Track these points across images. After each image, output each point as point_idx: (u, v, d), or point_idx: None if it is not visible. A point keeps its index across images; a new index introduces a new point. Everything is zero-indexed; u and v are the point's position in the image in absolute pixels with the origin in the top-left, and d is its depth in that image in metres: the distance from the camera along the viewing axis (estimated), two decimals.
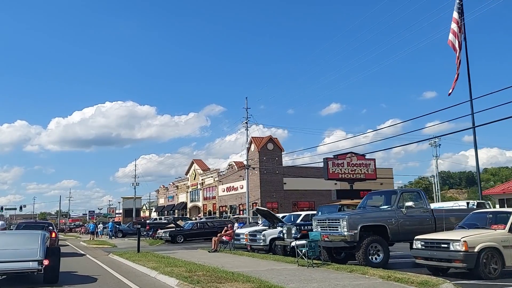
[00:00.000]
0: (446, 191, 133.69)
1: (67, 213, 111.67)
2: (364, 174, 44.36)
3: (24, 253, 10.04)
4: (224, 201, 65.18)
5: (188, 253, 20.05)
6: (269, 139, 57.98)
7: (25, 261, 9.92)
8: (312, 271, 11.72)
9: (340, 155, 44.18)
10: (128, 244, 32.01)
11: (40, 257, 9.96)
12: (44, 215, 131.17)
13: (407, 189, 22.43)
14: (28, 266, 9.92)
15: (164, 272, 11.94)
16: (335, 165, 43.65)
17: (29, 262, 9.91)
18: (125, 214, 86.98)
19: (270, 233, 18.48)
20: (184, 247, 27.01)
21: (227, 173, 64.59)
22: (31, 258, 9.94)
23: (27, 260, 9.93)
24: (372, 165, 44.92)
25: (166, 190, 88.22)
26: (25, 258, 9.96)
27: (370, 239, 12.78)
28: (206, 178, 70.52)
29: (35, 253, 10.01)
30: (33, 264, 9.89)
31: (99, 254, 22.85)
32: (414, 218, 13.52)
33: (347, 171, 43.86)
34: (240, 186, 60.80)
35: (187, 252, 21.21)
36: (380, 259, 12.91)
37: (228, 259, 16.12)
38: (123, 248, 27.56)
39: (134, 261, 15.98)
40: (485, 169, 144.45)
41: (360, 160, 44.35)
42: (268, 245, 18.26)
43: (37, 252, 10.04)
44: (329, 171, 43.39)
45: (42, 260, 9.95)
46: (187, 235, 31.80)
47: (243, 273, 11.40)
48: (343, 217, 13.01)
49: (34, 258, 9.93)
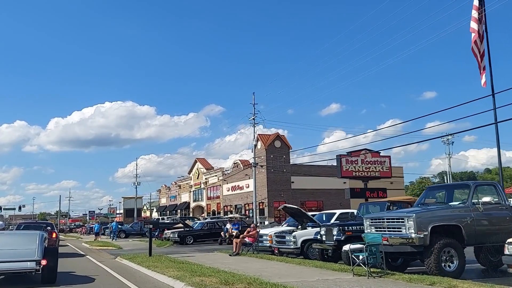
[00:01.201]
0: None
1: (67, 214, 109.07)
2: (379, 171, 41.78)
3: (22, 253, 9.97)
4: (229, 201, 62.62)
5: (206, 257, 17.53)
6: (276, 136, 55.45)
7: (23, 261, 9.84)
8: (377, 283, 9.24)
9: (354, 151, 41.71)
10: (134, 245, 29.49)
11: (38, 257, 9.88)
12: (44, 216, 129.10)
13: (481, 181, 19.71)
14: (26, 266, 9.84)
15: (193, 284, 9.42)
16: (349, 162, 41.11)
17: (26, 262, 9.82)
18: (126, 214, 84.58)
19: (302, 234, 15.99)
20: (197, 249, 24.50)
21: (232, 171, 62.04)
22: (29, 258, 9.86)
23: (25, 260, 9.85)
24: (387, 162, 42.35)
25: (168, 190, 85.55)
26: (23, 258, 9.87)
27: (443, 242, 10.28)
28: (210, 177, 67.97)
29: (33, 253, 9.94)
30: (31, 264, 9.81)
31: (104, 257, 20.32)
32: (492, 216, 11.04)
33: (361, 168, 41.28)
34: (246, 185, 58.29)
35: (204, 255, 18.68)
36: (454, 266, 10.42)
37: (258, 265, 13.61)
38: (130, 250, 25.05)
39: (149, 268, 13.46)
40: (487, 169, 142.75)
41: (375, 157, 41.79)
42: (300, 248, 15.78)
43: (35, 252, 9.97)
44: (342, 169, 40.77)
45: (40, 260, 9.88)
46: (196, 235, 29.37)
47: (292, 285, 8.95)
48: (409, 215, 10.48)
49: (32, 258, 9.85)
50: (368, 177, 41.46)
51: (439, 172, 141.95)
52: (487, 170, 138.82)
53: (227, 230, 26.51)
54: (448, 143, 54.17)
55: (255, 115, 48.78)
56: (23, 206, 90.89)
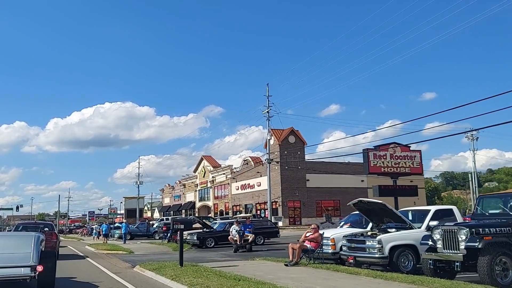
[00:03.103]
0: (449, 192, 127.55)
1: (66, 214, 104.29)
2: (409, 167, 37.50)
3: (15, 258, 8.69)
4: (238, 200, 58.20)
5: (254, 267, 13.13)
6: (290, 131, 51.12)
7: (16, 267, 8.54)
8: None
9: (382, 145, 37.48)
10: (146, 249, 25.05)
11: (33, 263, 8.58)
12: (42, 216, 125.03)
13: None
14: (20, 273, 8.53)
15: None
16: (377, 157, 36.85)
17: (20, 268, 8.53)
18: (127, 214, 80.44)
19: (391, 239, 11.64)
20: (225, 253, 20.11)
21: (242, 169, 57.65)
22: (23, 264, 8.56)
23: (18, 266, 8.55)
24: (417, 157, 38.11)
25: (172, 189, 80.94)
26: (16, 264, 8.56)
27: None
28: (218, 175, 63.50)
29: (27, 257, 8.66)
30: (25, 270, 8.50)
31: (117, 265, 15.92)
32: None
33: (390, 164, 37.01)
34: (257, 183, 53.94)
35: (249, 264, 14.25)
36: None
37: (351, 283, 9.29)
38: (144, 255, 20.68)
39: (194, 287, 9.12)
40: (490, 169, 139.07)
41: (405, 151, 37.52)
42: (388, 257, 11.46)
43: (30, 256, 8.69)
44: (370, 164, 36.46)
45: (35, 265, 8.56)
46: (218, 238, 24.97)
47: None
48: None
49: (27, 264, 8.54)
50: (397, 173, 37.15)
51: (441, 173, 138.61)
52: (489, 171, 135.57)
53: (238, 233, 21.20)
54: (473, 138, 50.03)
55: (269, 107, 44.54)
56: (20, 206, 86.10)
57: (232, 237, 21.30)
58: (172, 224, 12.93)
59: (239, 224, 22.29)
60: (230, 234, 21.96)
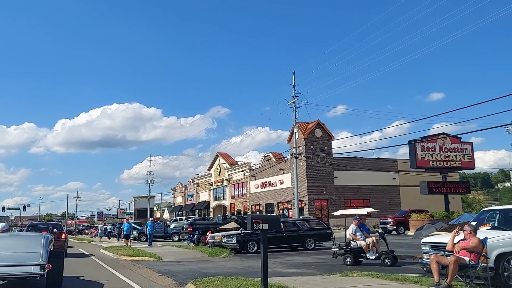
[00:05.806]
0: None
1: (74, 215, 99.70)
2: (460, 161, 32.66)
3: (25, 256, 8.62)
4: (257, 199, 53.20)
5: None
6: (316, 124, 46.08)
7: (26, 265, 8.44)
8: None
9: (430, 136, 32.63)
10: (175, 254, 19.97)
11: (42, 261, 8.48)
12: (50, 217, 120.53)
13: None
14: (30, 271, 8.40)
15: None
16: (424, 149, 31.98)
17: (30, 267, 8.41)
18: (137, 215, 76.08)
19: None
20: (278, 261, 15.25)
21: (262, 166, 52.71)
22: (33, 262, 8.46)
23: (28, 264, 8.45)
24: (469, 150, 33.24)
25: (184, 188, 76.01)
26: (26, 262, 8.47)
27: None
28: (235, 173, 58.50)
29: (37, 257, 8.58)
30: (35, 268, 8.39)
31: (156, 283, 11.08)
32: None
33: (439, 157, 32.14)
34: (280, 181, 48.98)
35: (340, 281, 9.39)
36: None
37: None
38: (176, 262, 15.89)
39: None
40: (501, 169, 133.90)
41: (455, 143, 32.68)
42: None
43: (40, 255, 8.60)
44: (417, 157, 31.63)
45: (44, 264, 8.46)
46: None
47: None
48: None
49: (36, 262, 8.45)
50: (447, 168, 32.33)
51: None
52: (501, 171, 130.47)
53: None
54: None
55: (295, 98, 39.63)
56: (28, 206, 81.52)
57: (366, 244, 13.49)
58: (251, 223, 7.99)
59: (358, 222, 14.16)
60: (352, 237, 13.96)
